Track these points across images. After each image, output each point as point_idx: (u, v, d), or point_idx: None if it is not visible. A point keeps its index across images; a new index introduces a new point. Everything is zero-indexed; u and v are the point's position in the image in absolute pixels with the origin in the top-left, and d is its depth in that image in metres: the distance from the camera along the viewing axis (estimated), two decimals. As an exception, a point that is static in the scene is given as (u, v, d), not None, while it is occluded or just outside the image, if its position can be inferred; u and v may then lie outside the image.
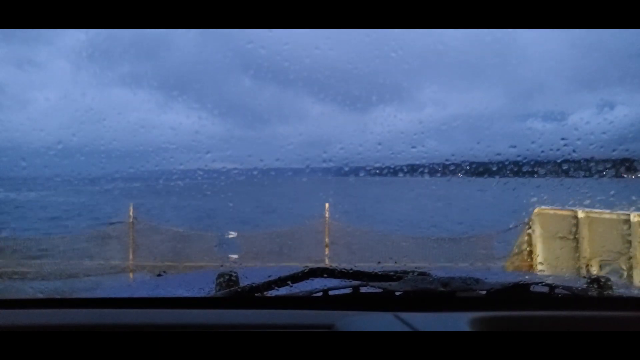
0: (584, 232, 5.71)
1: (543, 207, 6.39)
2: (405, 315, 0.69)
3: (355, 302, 0.75)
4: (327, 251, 6.78)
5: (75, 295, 1.29)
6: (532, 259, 6.33)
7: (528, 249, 6.42)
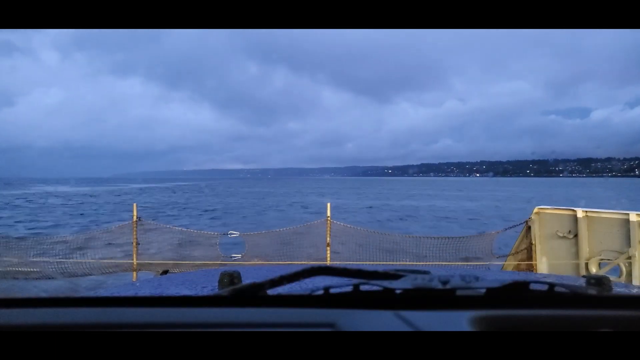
0: (583, 231, 5.71)
1: (542, 206, 6.39)
2: (405, 313, 0.69)
3: (356, 300, 0.76)
4: (328, 250, 6.80)
5: (78, 294, 1.30)
6: (531, 258, 6.33)
7: (527, 248, 6.41)
